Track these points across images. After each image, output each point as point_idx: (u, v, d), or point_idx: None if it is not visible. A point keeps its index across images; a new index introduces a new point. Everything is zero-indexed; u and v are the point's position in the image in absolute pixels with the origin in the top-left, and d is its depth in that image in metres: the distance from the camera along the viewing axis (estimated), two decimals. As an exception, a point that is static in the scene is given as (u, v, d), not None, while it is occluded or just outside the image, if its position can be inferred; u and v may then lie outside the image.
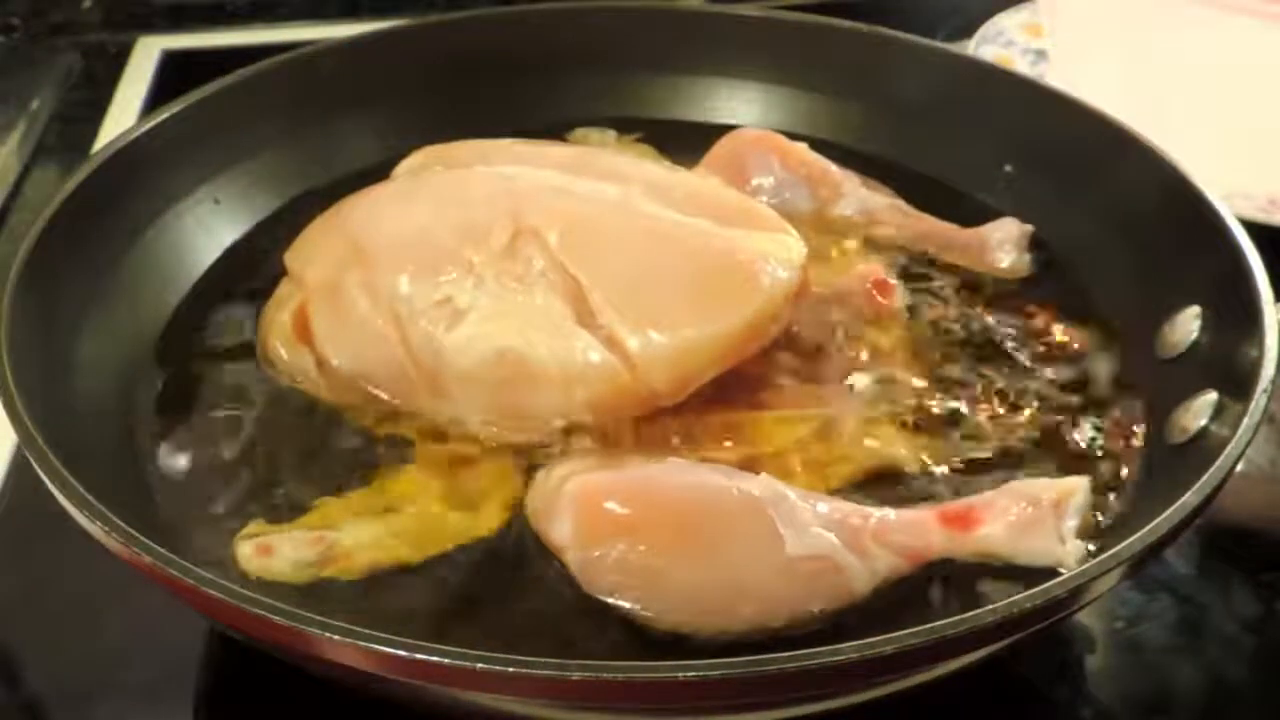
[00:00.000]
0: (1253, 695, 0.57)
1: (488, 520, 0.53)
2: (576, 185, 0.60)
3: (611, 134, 0.79)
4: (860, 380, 0.60)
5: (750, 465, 0.55)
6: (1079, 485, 0.52)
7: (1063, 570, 0.50)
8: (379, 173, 0.67)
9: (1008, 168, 0.73)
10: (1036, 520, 0.51)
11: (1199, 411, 0.54)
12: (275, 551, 0.52)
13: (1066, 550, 0.51)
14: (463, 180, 0.62)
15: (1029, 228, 0.69)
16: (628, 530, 0.50)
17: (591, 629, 0.49)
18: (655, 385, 0.55)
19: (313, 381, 0.59)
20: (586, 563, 0.50)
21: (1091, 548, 0.51)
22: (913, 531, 0.51)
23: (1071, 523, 0.51)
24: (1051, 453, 0.57)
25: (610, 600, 0.50)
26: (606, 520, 0.50)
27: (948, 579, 0.51)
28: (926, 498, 0.54)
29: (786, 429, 0.57)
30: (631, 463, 0.54)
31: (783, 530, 0.49)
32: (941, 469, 0.56)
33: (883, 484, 0.55)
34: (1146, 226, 0.65)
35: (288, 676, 0.49)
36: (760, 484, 0.51)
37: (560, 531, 0.51)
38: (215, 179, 0.70)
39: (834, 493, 0.54)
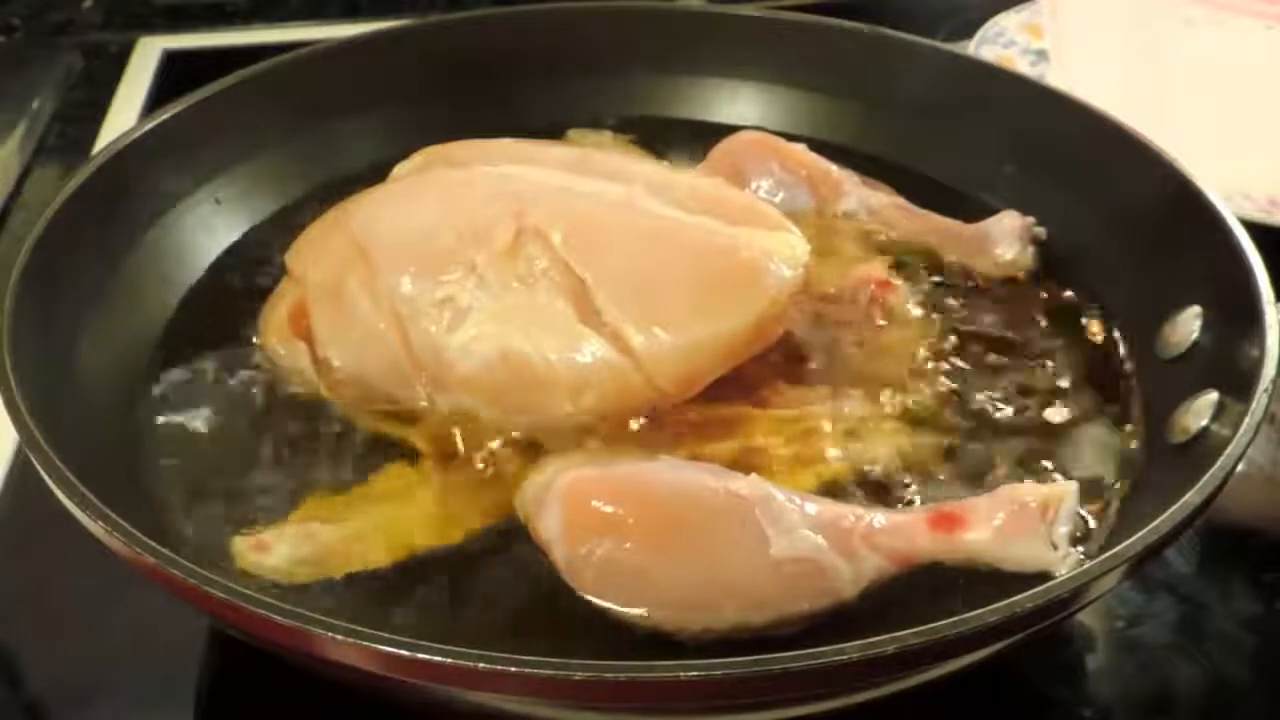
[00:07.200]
0: (1253, 695, 0.57)
1: (485, 518, 0.53)
2: (579, 184, 0.60)
3: (606, 135, 0.79)
4: (859, 380, 0.60)
5: (744, 464, 0.54)
6: (1067, 490, 0.51)
7: (1054, 575, 0.49)
8: (379, 173, 0.67)
9: (1008, 168, 0.73)
10: (1024, 526, 0.50)
11: (1200, 411, 0.54)
12: (272, 548, 0.52)
13: (1056, 556, 0.50)
14: (464, 180, 0.62)
15: (1030, 220, 0.69)
16: (614, 528, 0.50)
17: (578, 626, 0.49)
18: (662, 384, 0.55)
19: (311, 380, 0.59)
20: (572, 559, 0.50)
21: (1081, 555, 0.51)
22: (901, 535, 0.51)
23: (1062, 529, 0.50)
24: (1051, 453, 0.57)
25: (595, 598, 0.49)
26: (593, 517, 0.50)
27: (937, 582, 0.51)
28: (920, 500, 0.54)
29: (784, 429, 0.57)
30: (622, 461, 0.54)
31: (769, 531, 0.49)
32: (936, 470, 0.56)
33: (876, 485, 0.55)
34: (1147, 226, 0.65)
35: (288, 676, 0.49)
36: (748, 484, 0.51)
37: (548, 528, 0.51)
38: (215, 179, 0.70)
39: (826, 493, 0.54)
